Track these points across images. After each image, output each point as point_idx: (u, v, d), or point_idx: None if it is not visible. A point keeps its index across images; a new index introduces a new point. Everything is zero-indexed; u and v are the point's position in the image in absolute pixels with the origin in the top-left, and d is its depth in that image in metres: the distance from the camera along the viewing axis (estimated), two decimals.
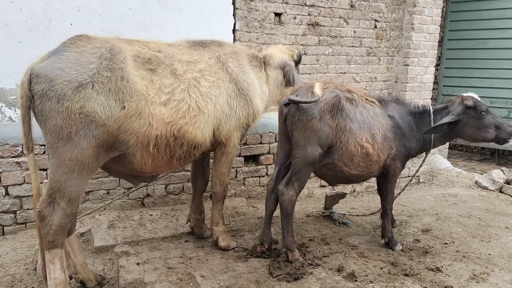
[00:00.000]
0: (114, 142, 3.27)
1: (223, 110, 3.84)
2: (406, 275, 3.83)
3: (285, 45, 5.21)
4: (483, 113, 4.24)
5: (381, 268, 3.95)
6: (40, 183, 4.34)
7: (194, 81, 3.66)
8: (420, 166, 4.89)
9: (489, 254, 4.34)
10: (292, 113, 3.85)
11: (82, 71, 3.06)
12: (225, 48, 4.10)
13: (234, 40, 5.91)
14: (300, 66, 6.45)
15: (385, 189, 4.41)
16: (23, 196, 4.48)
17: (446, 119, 4.22)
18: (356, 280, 3.69)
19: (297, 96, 3.91)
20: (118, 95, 3.16)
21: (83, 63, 3.08)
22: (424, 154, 4.67)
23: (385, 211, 4.46)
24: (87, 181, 3.33)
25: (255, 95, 4.10)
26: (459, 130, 4.33)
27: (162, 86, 3.45)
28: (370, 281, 3.68)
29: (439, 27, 7.30)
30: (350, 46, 6.78)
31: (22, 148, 4.40)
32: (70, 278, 3.59)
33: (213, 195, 4.27)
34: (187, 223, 4.61)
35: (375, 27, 6.94)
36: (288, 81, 4.49)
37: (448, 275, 3.89)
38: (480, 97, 4.41)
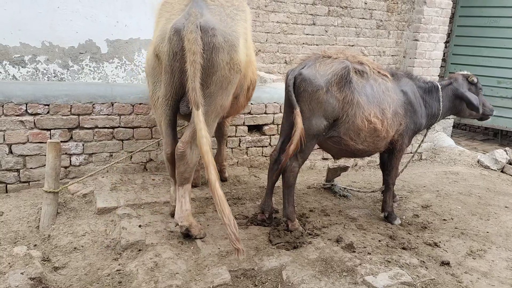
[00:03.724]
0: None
1: None
2: (404, 248, 3.88)
3: None
4: (480, 90, 4.52)
5: (379, 240, 3.99)
6: (44, 142, 4.41)
7: None
8: (422, 141, 4.92)
9: (487, 232, 4.38)
10: (298, 83, 3.78)
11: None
12: None
13: None
14: (309, 36, 6.37)
15: (390, 164, 4.41)
16: (27, 155, 4.48)
17: (474, 96, 4.40)
18: (354, 251, 3.73)
19: (304, 66, 3.85)
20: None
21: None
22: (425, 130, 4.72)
23: (388, 185, 4.48)
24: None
25: None
26: (462, 106, 4.49)
27: None
28: (368, 253, 3.73)
29: (451, 2, 7.14)
30: (360, 18, 6.65)
31: (26, 107, 4.38)
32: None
33: (223, 136, 5.02)
34: None
35: None
36: None
37: (446, 251, 3.94)
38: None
